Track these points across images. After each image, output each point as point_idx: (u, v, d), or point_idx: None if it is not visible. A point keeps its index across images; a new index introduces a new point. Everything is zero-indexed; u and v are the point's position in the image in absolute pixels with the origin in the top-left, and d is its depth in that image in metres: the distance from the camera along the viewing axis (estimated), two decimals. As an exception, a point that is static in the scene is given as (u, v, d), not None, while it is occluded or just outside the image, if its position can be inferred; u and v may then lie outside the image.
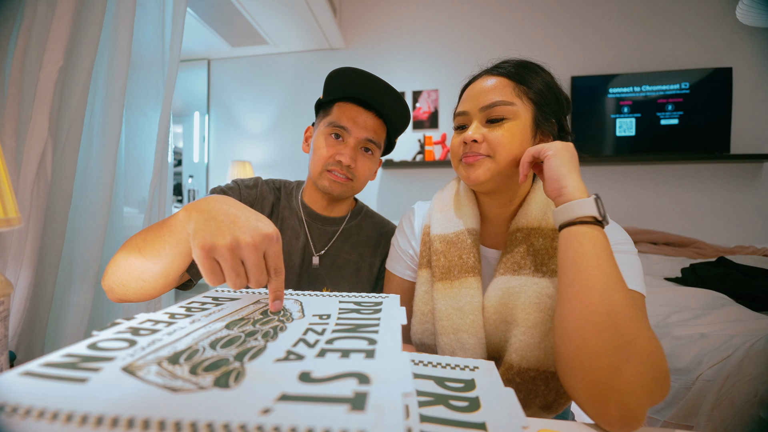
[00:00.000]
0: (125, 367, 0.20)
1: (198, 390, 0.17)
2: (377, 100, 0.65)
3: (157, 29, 0.99)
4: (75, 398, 0.16)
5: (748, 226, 2.01)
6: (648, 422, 0.82)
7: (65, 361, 0.20)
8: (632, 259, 0.47)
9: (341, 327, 0.28)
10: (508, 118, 0.51)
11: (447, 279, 0.54)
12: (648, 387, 0.34)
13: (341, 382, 0.18)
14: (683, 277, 1.35)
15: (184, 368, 0.20)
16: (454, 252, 0.55)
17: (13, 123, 0.71)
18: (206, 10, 2.00)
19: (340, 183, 0.66)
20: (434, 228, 0.59)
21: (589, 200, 0.43)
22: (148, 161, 0.98)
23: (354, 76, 0.62)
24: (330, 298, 0.37)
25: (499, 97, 0.51)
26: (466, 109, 0.54)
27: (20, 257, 0.72)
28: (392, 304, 0.34)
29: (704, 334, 0.83)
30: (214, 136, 2.68)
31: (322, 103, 0.71)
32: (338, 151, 0.65)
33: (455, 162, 0.56)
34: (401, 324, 0.28)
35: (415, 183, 2.35)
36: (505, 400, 0.29)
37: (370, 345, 0.24)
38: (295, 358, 0.22)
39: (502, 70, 0.55)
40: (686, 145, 2.03)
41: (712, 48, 2.04)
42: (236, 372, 0.19)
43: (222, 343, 0.24)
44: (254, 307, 0.34)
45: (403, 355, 0.22)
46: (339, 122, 0.65)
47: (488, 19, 2.29)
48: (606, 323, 0.36)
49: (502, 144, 0.50)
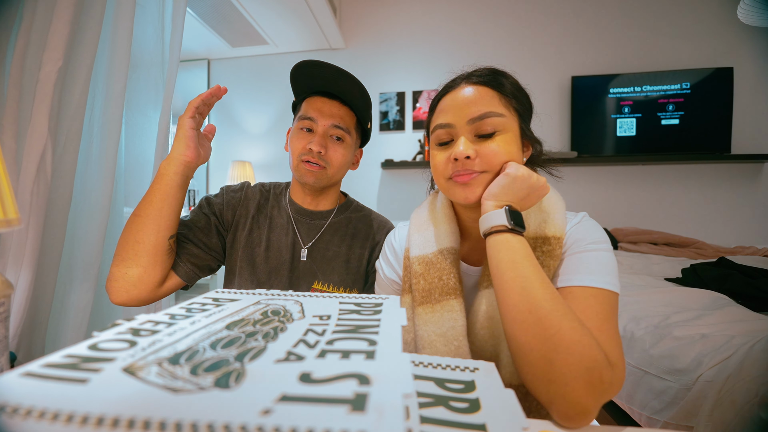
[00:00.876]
0: (126, 367, 0.20)
1: (198, 391, 0.17)
2: (335, 86, 0.69)
3: (157, 29, 0.99)
4: (76, 399, 0.16)
5: (748, 227, 2.01)
6: (648, 423, 0.82)
7: (66, 362, 0.20)
8: (602, 256, 0.47)
9: (341, 328, 0.28)
10: (500, 130, 0.48)
11: (428, 303, 0.52)
12: (583, 377, 0.35)
13: (341, 383, 0.18)
14: (684, 278, 1.35)
15: (184, 369, 0.20)
16: (434, 273, 0.53)
17: (12, 123, 0.71)
18: (206, 10, 2.00)
19: (313, 171, 0.69)
20: (413, 250, 0.56)
21: (500, 211, 0.46)
22: (148, 161, 0.98)
23: (309, 67, 0.67)
24: (330, 299, 0.37)
25: (488, 107, 0.48)
26: (451, 122, 0.49)
27: (20, 258, 0.72)
28: (392, 306, 0.34)
29: (705, 335, 0.83)
30: (214, 136, 2.68)
31: (295, 104, 0.75)
32: (308, 141, 0.68)
33: (442, 181, 0.52)
34: (401, 325, 0.29)
35: (415, 183, 2.35)
36: (505, 402, 0.29)
37: (371, 346, 0.24)
38: (296, 359, 0.22)
39: (480, 78, 0.51)
40: (687, 145, 2.03)
41: (713, 48, 2.04)
42: (237, 373, 0.19)
43: (222, 344, 0.24)
44: (254, 308, 0.34)
45: (404, 356, 0.22)
46: (306, 114, 0.69)
47: (488, 19, 2.29)
48: (529, 320, 0.39)
49: (498, 155, 0.47)
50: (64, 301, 0.84)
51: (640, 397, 0.86)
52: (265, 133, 2.59)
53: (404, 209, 2.37)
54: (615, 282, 0.45)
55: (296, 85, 0.72)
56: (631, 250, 1.83)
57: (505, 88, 0.50)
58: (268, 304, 0.35)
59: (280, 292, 0.39)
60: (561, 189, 0.57)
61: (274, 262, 0.72)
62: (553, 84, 2.20)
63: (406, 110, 2.40)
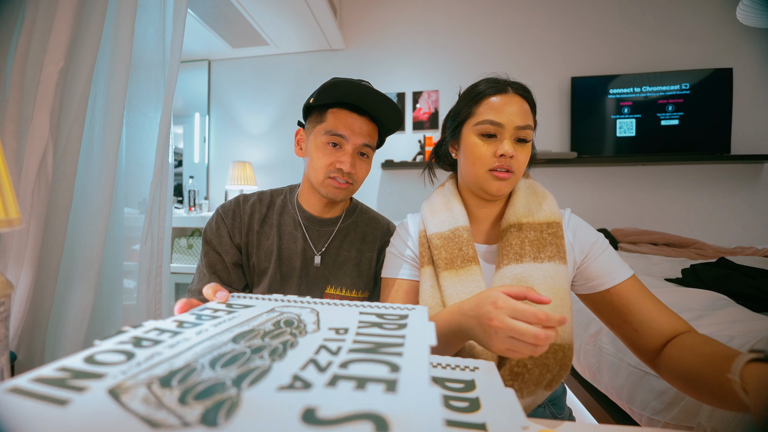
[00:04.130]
0: (112, 388, 0.18)
1: (181, 427, 0.16)
2: (371, 106, 0.67)
3: (158, 30, 1.00)
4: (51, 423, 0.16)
5: (748, 227, 2.01)
6: (649, 423, 0.82)
7: (56, 377, 0.19)
8: (613, 249, 0.59)
9: (359, 346, 0.25)
10: (529, 140, 0.58)
11: (452, 268, 0.57)
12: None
13: (352, 426, 0.15)
14: (684, 278, 1.35)
15: (174, 393, 0.18)
16: (453, 246, 0.59)
17: (14, 124, 0.71)
18: (207, 11, 2.00)
19: (342, 189, 0.68)
20: (429, 228, 0.62)
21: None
22: (149, 162, 0.98)
23: (350, 87, 0.64)
24: (350, 308, 0.34)
25: (528, 121, 0.58)
26: (503, 122, 0.56)
27: (21, 258, 0.72)
28: (419, 319, 0.31)
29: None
30: (215, 137, 2.68)
31: (311, 106, 0.70)
32: (337, 159, 0.67)
33: (482, 170, 0.58)
34: (430, 345, 0.25)
35: (415, 183, 2.35)
36: (505, 401, 0.29)
37: (392, 373, 0.21)
38: (301, 387, 0.19)
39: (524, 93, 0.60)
40: (686, 146, 2.03)
41: (713, 49, 2.04)
42: (230, 403, 0.17)
43: (223, 362, 0.22)
44: (267, 316, 0.32)
45: (433, 391, 0.18)
46: (336, 131, 0.66)
47: (489, 19, 2.30)
48: None
49: (524, 164, 0.58)
50: (64, 301, 0.84)
51: (641, 397, 0.86)
52: (265, 133, 2.59)
53: (404, 209, 2.37)
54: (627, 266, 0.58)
55: (325, 93, 0.66)
56: (631, 250, 1.83)
57: (534, 106, 0.61)
58: (282, 312, 0.33)
59: (296, 299, 0.37)
60: (561, 189, 0.60)
61: (286, 269, 0.72)
62: (553, 85, 2.20)
63: (406, 111, 2.40)
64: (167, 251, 1.00)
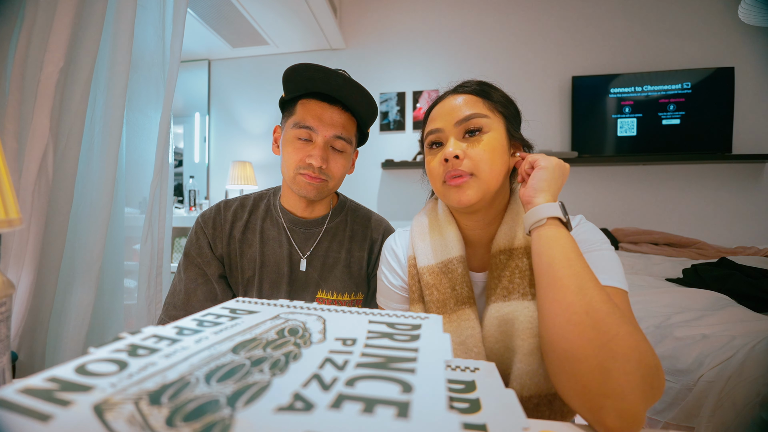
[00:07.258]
0: (98, 403, 0.17)
1: None
2: (339, 92, 0.61)
3: (158, 30, 1.00)
4: None
5: (749, 227, 2.00)
6: (649, 423, 0.82)
7: (43, 388, 0.19)
8: (611, 255, 0.47)
9: (368, 360, 0.23)
10: (485, 130, 0.51)
11: (444, 313, 0.52)
12: (640, 388, 0.33)
13: None
14: (685, 278, 1.35)
15: (162, 412, 0.17)
16: (446, 284, 0.53)
17: (14, 124, 0.71)
18: (207, 10, 2.00)
19: (314, 185, 0.63)
20: (420, 259, 0.56)
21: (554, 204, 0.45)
22: (149, 162, 0.98)
23: (311, 71, 0.58)
24: (359, 316, 0.32)
25: (475, 109, 0.51)
26: (440, 126, 0.53)
27: (21, 258, 0.72)
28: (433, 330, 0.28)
29: (706, 335, 0.83)
30: (215, 137, 2.68)
31: (285, 101, 0.66)
32: (307, 153, 0.62)
33: (438, 185, 0.53)
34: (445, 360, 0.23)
35: (415, 183, 2.34)
36: (505, 402, 0.29)
37: (404, 393, 0.19)
38: (302, 408, 0.17)
39: (467, 89, 0.55)
40: (688, 146, 2.03)
41: (714, 48, 2.04)
42: (221, 426, 0.16)
43: (220, 375, 0.20)
44: (271, 323, 0.30)
45: (451, 419, 0.16)
46: (304, 122, 0.62)
47: (489, 18, 2.29)
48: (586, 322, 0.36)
49: (484, 160, 0.49)
50: (65, 301, 0.84)
51: (641, 397, 0.86)
52: (265, 133, 2.59)
53: (404, 209, 2.37)
54: (625, 281, 0.45)
55: (289, 83, 0.62)
56: (631, 250, 1.83)
57: (491, 96, 0.54)
58: (287, 319, 0.32)
59: (303, 304, 0.36)
60: (562, 189, 0.58)
61: (274, 276, 0.68)
62: (554, 84, 2.19)
63: (407, 110, 2.40)
64: (167, 251, 1.00)
